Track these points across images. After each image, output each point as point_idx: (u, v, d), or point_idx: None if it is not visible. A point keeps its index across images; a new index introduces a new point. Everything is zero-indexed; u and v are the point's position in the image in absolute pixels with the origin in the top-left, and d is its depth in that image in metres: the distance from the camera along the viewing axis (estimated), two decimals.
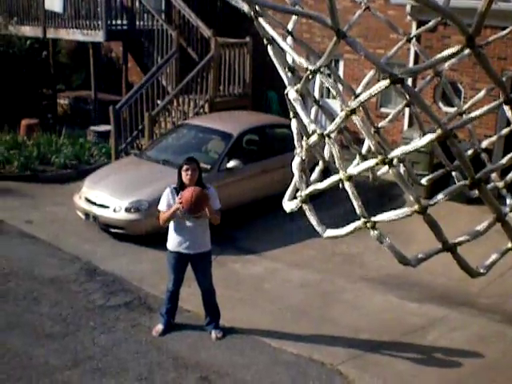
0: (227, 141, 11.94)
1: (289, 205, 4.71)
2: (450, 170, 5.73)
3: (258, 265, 10.17)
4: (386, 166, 3.92)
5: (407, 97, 5.45)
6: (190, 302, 8.34)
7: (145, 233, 10.55)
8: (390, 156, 3.83)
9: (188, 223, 7.51)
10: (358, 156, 5.49)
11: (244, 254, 10.43)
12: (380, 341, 7.90)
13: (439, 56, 3.50)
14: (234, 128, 12.29)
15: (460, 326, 8.33)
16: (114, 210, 10.67)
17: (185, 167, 7.54)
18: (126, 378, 6.99)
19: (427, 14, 3.29)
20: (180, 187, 7.52)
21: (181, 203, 7.20)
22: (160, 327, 7.89)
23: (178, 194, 7.44)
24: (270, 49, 4.63)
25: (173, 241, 7.64)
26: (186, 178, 7.48)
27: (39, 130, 15.69)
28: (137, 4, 17.01)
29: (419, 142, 3.63)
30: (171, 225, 7.62)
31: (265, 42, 4.65)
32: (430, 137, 3.55)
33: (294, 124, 4.71)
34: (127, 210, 10.60)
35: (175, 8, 17.15)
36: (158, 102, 15.04)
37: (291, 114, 4.67)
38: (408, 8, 13.01)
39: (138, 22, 17.08)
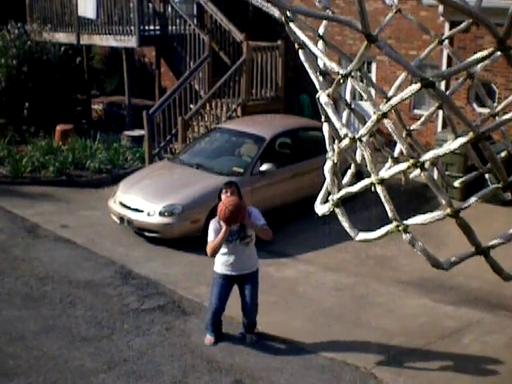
0: (260, 144, 11.96)
1: (321, 208, 4.72)
2: (483, 172, 5.68)
3: (291, 268, 10.17)
4: (418, 170, 3.92)
5: (439, 99, 5.42)
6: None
7: (178, 236, 10.61)
8: (421, 159, 3.82)
9: (238, 247, 7.46)
10: (389, 159, 5.47)
11: (277, 258, 10.43)
12: (415, 344, 7.85)
13: (471, 59, 3.49)
14: (266, 131, 12.31)
15: (495, 329, 8.24)
16: (148, 214, 10.74)
17: (224, 190, 7.46)
18: (161, 380, 7.04)
19: (460, 14, 3.28)
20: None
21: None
22: (211, 338, 7.78)
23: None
24: (301, 53, 4.64)
25: (221, 264, 7.59)
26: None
27: (74, 136, 15.85)
28: (169, 9, 17.12)
29: (451, 145, 3.62)
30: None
31: (296, 46, 4.67)
32: (461, 140, 3.54)
33: (325, 128, 4.71)
34: (161, 213, 10.67)
35: (207, 13, 17.24)
36: (191, 106, 15.12)
37: (323, 118, 4.68)
38: (440, 9, 12.91)
39: (170, 27, 17.17)
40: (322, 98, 4.45)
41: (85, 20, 17.92)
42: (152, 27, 17.23)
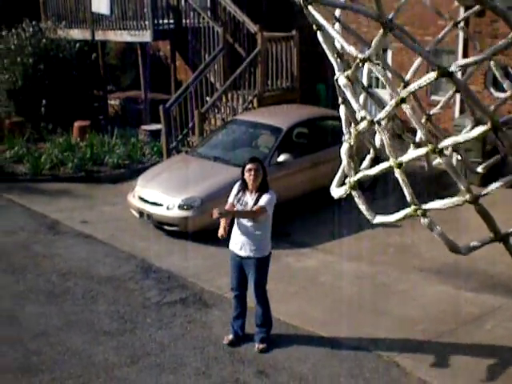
0: (277, 135, 11.94)
1: (337, 191, 4.71)
2: (505, 155, 5.64)
3: (311, 258, 10.15)
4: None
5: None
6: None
7: (198, 229, 10.61)
8: (440, 145, 3.80)
9: (243, 222, 7.31)
10: (411, 145, 5.44)
11: (297, 248, 10.42)
12: (437, 331, 7.83)
13: (489, 50, 3.46)
14: (283, 122, 12.28)
15: None
16: (168, 208, 10.76)
17: (248, 167, 7.30)
18: (184, 373, 7.08)
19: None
20: (243, 185, 7.41)
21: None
22: (230, 337, 7.66)
23: (242, 192, 7.38)
24: (319, 35, 4.62)
25: (231, 240, 7.49)
26: (248, 178, 7.29)
27: (91, 132, 15.92)
28: (182, 2, 17.08)
29: (470, 133, 3.60)
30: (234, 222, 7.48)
31: (314, 28, 4.65)
32: (480, 129, 3.52)
33: (342, 110, 4.69)
34: (180, 207, 10.69)
35: (221, 5, 17.20)
36: (207, 98, 15.12)
37: (340, 100, 4.65)
38: None
39: (184, 21, 17.14)
40: (341, 79, 4.43)
41: (99, 16, 17.95)
42: (166, 21, 17.22)
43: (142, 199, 11.22)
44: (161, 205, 10.87)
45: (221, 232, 7.39)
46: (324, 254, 10.27)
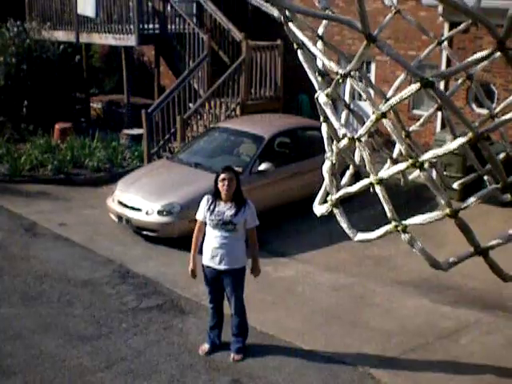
0: (259, 143, 11.96)
1: (319, 209, 4.72)
2: (482, 173, 5.69)
3: (289, 268, 10.16)
4: (418, 170, 3.92)
5: (438, 100, 5.42)
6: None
7: (177, 235, 10.60)
8: (420, 159, 3.82)
9: (220, 234, 7.14)
10: (388, 160, 5.48)
11: (275, 257, 10.43)
12: (412, 344, 7.85)
13: (470, 59, 3.49)
14: (265, 131, 12.31)
15: (493, 329, 8.24)
16: (147, 213, 10.74)
17: (221, 177, 7.09)
18: (158, 380, 7.04)
19: (459, 15, 3.28)
20: (216, 196, 7.18)
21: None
22: (206, 346, 7.58)
23: (215, 203, 7.14)
24: (300, 53, 4.64)
25: (205, 254, 7.31)
26: (222, 188, 7.08)
27: (72, 134, 15.85)
28: (168, 8, 17.11)
29: (450, 145, 3.62)
30: (206, 235, 7.31)
31: (295, 46, 4.67)
32: (461, 140, 3.54)
33: (324, 128, 4.71)
34: (159, 212, 10.66)
35: (206, 12, 17.24)
36: (190, 105, 15.12)
37: (321, 118, 4.68)
38: (440, 9, 12.92)
39: (169, 26, 17.18)
40: (321, 97, 4.45)
41: (84, 18, 17.92)
42: (151, 26, 17.24)
43: (121, 204, 11.18)
44: (140, 210, 10.85)
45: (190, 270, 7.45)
46: (302, 264, 10.28)
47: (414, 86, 3.61)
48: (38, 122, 16.41)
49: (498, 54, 3.42)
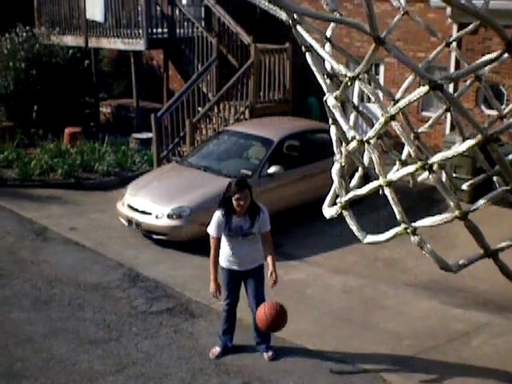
0: (268, 147, 11.96)
1: (329, 211, 4.72)
2: (491, 175, 5.67)
3: (299, 270, 10.15)
4: (427, 172, 3.91)
5: (447, 102, 5.41)
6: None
7: (186, 239, 10.61)
8: (429, 161, 3.82)
9: (239, 243, 7.24)
10: (397, 162, 5.46)
11: (286, 260, 10.41)
12: (423, 347, 7.83)
13: (479, 61, 3.48)
14: (274, 134, 12.30)
15: (504, 331, 8.21)
16: (156, 217, 10.75)
17: (236, 196, 6.99)
18: (169, 383, 7.04)
19: (468, 16, 3.27)
20: (228, 212, 7.11)
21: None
22: (217, 349, 7.61)
23: (230, 219, 7.11)
24: (308, 56, 4.64)
25: (225, 258, 7.37)
26: (237, 206, 7.02)
27: (82, 138, 15.90)
28: (177, 12, 17.13)
29: (459, 147, 3.62)
30: (223, 240, 7.30)
31: (303, 49, 4.67)
32: (470, 142, 3.54)
33: (333, 131, 4.71)
34: (169, 216, 10.68)
35: (215, 15, 17.24)
36: (199, 108, 15.14)
37: (330, 121, 4.68)
38: (448, 11, 12.88)
39: (178, 30, 17.18)
40: (330, 100, 4.45)
41: (93, 23, 17.96)
42: (160, 30, 17.27)
43: (131, 207, 11.20)
44: (150, 214, 10.86)
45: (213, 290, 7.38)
46: (312, 267, 10.27)
47: (423, 89, 3.61)
48: (47, 126, 16.48)
49: (507, 55, 3.41)
